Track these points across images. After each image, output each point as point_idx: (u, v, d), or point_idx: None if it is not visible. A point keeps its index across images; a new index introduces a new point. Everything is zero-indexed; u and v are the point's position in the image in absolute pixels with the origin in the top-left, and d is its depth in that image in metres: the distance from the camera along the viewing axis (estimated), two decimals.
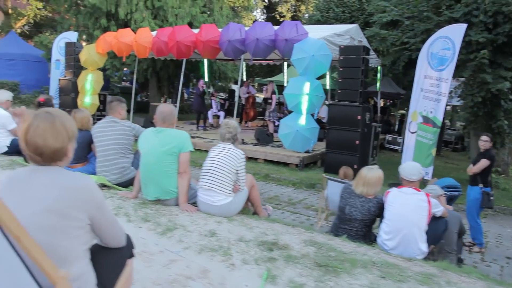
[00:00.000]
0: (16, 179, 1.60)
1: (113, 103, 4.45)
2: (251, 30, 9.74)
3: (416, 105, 7.95)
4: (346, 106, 8.41)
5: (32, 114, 1.61)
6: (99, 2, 14.59)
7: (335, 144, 8.56)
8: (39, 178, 1.58)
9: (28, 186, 1.57)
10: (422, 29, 9.09)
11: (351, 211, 3.75)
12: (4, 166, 4.91)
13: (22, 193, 1.55)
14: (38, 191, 1.54)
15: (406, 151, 8.12)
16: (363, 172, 3.90)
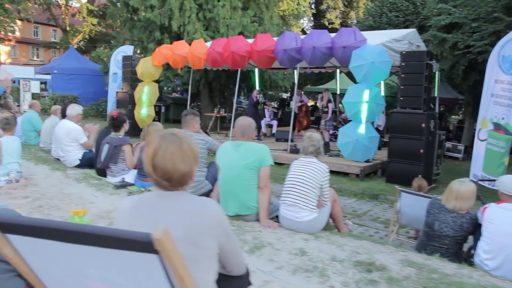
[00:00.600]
0: (143, 205, 1.54)
1: (188, 117, 4.46)
2: (307, 38, 9.64)
3: (486, 112, 7.55)
4: (410, 113, 8.11)
5: (157, 136, 1.55)
6: (153, 16, 14.98)
7: (397, 153, 8.27)
8: (167, 204, 1.52)
9: (157, 213, 1.51)
10: (491, 31, 8.63)
11: (441, 227, 3.54)
12: (79, 179, 5.06)
13: (151, 221, 1.48)
14: (168, 219, 1.48)
15: (475, 160, 7.72)
16: (455, 186, 3.68)
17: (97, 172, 5.38)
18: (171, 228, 1.42)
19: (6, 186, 4.66)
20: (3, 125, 4.95)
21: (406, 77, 8.26)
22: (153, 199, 1.55)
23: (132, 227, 1.32)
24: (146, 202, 1.55)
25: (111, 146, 4.89)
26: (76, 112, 6.00)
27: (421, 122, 8.00)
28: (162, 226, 1.17)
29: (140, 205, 1.54)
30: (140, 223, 1.47)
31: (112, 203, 4.10)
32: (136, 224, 1.44)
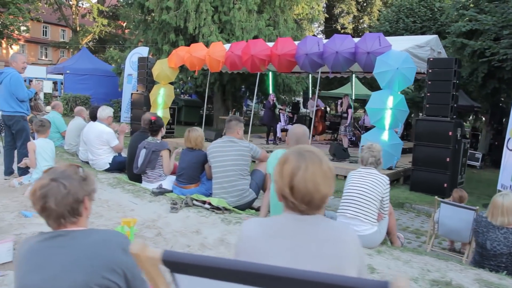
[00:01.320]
0: (278, 232, 1.39)
1: (232, 122, 4.34)
2: (330, 43, 9.53)
3: None
4: (437, 121, 7.98)
5: (293, 154, 1.41)
6: (169, 17, 14.91)
7: (422, 161, 8.14)
8: (306, 231, 1.36)
9: (295, 241, 1.35)
10: None
11: (493, 246, 3.40)
12: (113, 184, 4.95)
13: (289, 250, 1.33)
14: (309, 248, 1.32)
15: (504, 170, 7.56)
16: (498, 200, 3.56)
17: (129, 176, 5.26)
18: (314, 258, 1.30)
19: None
20: (37, 127, 4.86)
21: (433, 84, 8.13)
22: (289, 224, 1.39)
23: (266, 258, 1.20)
24: (281, 228, 1.39)
25: (149, 151, 4.78)
26: (107, 114, 5.90)
27: (448, 130, 7.87)
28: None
29: (274, 232, 1.39)
30: (277, 254, 1.32)
31: (154, 210, 3.98)
32: (272, 255, 1.30)
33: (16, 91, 5.23)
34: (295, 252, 1.31)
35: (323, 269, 1.21)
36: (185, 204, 4.07)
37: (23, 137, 5.40)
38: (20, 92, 5.25)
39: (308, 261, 1.29)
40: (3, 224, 3.48)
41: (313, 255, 1.29)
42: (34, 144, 4.74)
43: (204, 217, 3.80)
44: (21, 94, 5.26)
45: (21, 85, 5.28)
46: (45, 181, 1.51)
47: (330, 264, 1.28)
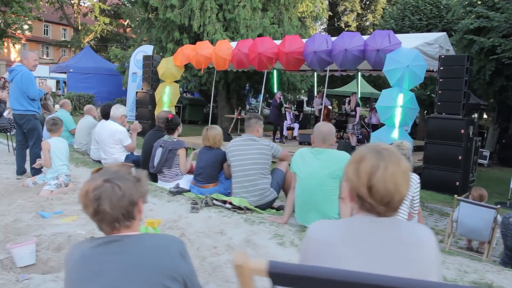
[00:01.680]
0: (356, 236, 1.29)
1: (252, 120, 4.26)
2: (338, 41, 9.45)
3: None
4: (449, 119, 7.90)
5: (369, 152, 1.33)
6: (173, 16, 14.83)
7: (434, 159, 8.06)
8: (386, 235, 1.27)
9: (375, 245, 1.26)
10: None
11: None
12: None
13: (370, 256, 1.24)
14: (391, 253, 1.23)
15: None
16: None
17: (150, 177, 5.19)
18: (400, 264, 1.21)
19: (56, 190, 4.49)
20: (49, 126, 4.76)
21: (445, 81, 8.06)
22: (368, 227, 1.30)
23: (349, 264, 1.11)
24: (361, 232, 1.30)
25: (166, 150, 4.69)
26: (121, 113, 5.81)
27: (460, 128, 7.80)
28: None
29: (353, 236, 1.30)
30: (361, 259, 1.24)
31: (173, 211, 3.89)
32: (356, 261, 1.22)
33: (27, 89, 5.13)
34: (381, 258, 1.22)
35: (410, 274, 1.13)
36: (205, 204, 3.99)
37: (35, 136, 5.31)
38: (31, 90, 5.15)
39: (395, 267, 1.21)
40: (21, 225, 3.40)
41: (399, 260, 1.21)
42: (49, 144, 4.65)
43: (226, 217, 3.72)
44: (32, 93, 5.16)
45: (32, 83, 5.18)
46: (98, 182, 1.41)
47: (415, 269, 1.21)
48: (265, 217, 3.78)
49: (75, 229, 3.30)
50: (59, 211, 3.79)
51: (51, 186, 4.54)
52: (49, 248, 2.92)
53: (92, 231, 3.20)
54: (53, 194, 4.40)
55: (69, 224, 3.46)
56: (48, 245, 2.96)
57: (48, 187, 4.53)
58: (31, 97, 5.18)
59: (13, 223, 3.40)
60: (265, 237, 3.28)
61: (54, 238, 3.04)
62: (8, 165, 5.88)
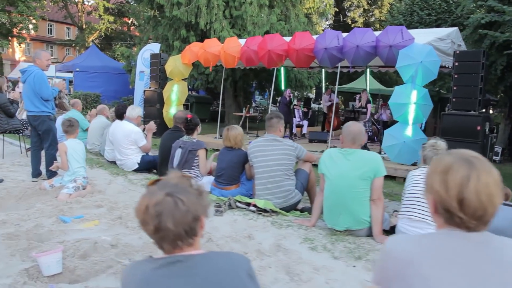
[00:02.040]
0: (445, 254, 1.19)
1: (273, 120, 4.17)
2: (350, 37, 9.34)
3: None
4: (464, 115, 7.79)
5: (457, 161, 1.22)
6: (180, 13, 14.73)
7: None
8: (481, 252, 1.19)
9: (474, 264, 1.17)
10: None
11: None
12: (146, 186, 4.79)
13: (468, 276, 1.15)
14: (491, 273, 1.15)
15: None
16: None
17: (159, 175, 5.11)
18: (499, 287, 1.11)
19: (75, 193, 4.42)
20: (66, 127, 4.69)
21: (460, 77, 7.94)
22: (455, 245, 1.20)
23: (435, 286, 1.02)
24: (448, 250, 1.20)
25: (185, 151, 4.61)
26: (137, 114, 5.73)
27: (477, 124, 7.69)
28: None
29: (439, 255, 1.19)
30: (448, 282, 1.14)
31: None
32: (442, 283, 1.13)
33: (40, 89, 5.04)
34: (475, 279, 1.13)
35: None
36: (229, 206, 3.91)
37: (50, 138, 5.22)
38: (44, 91, 5.06)
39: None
40: (42, 230, 3.33)
41: (498, 283, 1.12)
42: (65, 146, 4.58)
43: (252, 221, 3.63)
44: (46, 93, 5.08)
45: (45, 83, 5.10)
46: (159, 196, 1.29)
47: None
48: (292, 220, 3.68)
49: (98, 234, 3.23)
50: (79, 215, 3.71)
51: (69, 189, 4.47)
52: (75, 256, 2.85)
53: (117, 237, 3.13)
54: (71, 198, 4.32)
55: (92, 229, 3.39)
56: (74, 252, 2.89)
57: (66, 190, 4.46)
58: (45, 97, 5.10)
59: (35, 229, 3.33)
60: (295, 242, 3.19)
61: (79, 245, 2.96)
62: (22, 167, 5.82)
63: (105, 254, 2.83)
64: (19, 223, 3.46)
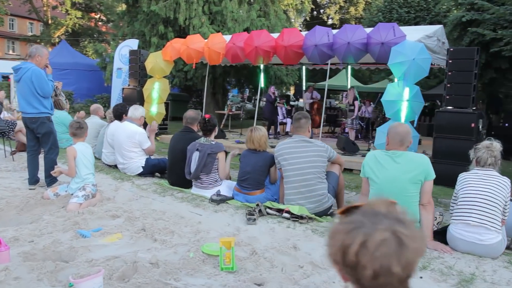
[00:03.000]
0: None
1: (302, 121, 3.96)
2: (340, 34, 9.23)
3: None
4: (458, 113, 7.81)
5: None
6: (158, 8, 14.29)
7: (443, 153, 7.97)
8: None
9: None
10: None
11: None
12: (159, 192, 4.45)
13: None
14: None
15: None
16: None
17: (171, 182, 4.76)
18: None
19: (85, 203, 4.05)
20: (74, 129, 4.28)
21: (453, 74, 7.96)
22: None
23: None
24: None
25: (204, 154, 4.31)
26: (140, 114, 5.36)
27: (471, 121, 7.73)
28: None
29: None
30: None
31: (226, 222, 3.51)
32: None
33: (41, 86, 4.62)
34: None
35: None
36: (259, 213, 3.66)
37: (50, 141, 4.78)
38: (45, 87, 4.65)
39: None
40: (62, 247, 2.97)
41: None
42: (75, 150, 4.19)
43: (290, 229, 3.39)
44: (47, 89, 4.66)
45: (45, 79, 4.69)
46: (384, 234, 1.02)
47: None
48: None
49: (127, 250, 2.91)
50: (97, 228, 3.37)
51: (79, 198, 4.07)
52: (112, 278, 2.54)
53: (153, 253, 2.82)
54: (82, 207, 3.95)
55: (117, 244, 3.06)
56: (110, 274, 2.58)
57: (76, 199, 4.06)
58: (46, 94, 4.68)
59: (53, 246, 2.99)
60: None
61: (112, 264, 2.65)
62: (10, 173, 5.34)
63: (148, 274, 2.53)
64: (33, 239, 3.10)
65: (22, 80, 4.61)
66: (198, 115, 4.78)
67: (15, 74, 4.72)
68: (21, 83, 4.63)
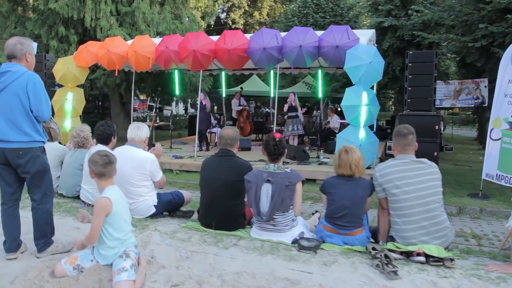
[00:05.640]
0: None
1: (410, 137, 3.26)
2: (290, 36, 8.74)
3: (499, 111, 7.58)
4: (423, 116, 7.80)
5: None
6: (59, 7, 12.36)
7: None
8: None
9: None
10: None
11: None
12: (208, 241, 3.24)
13: None
14: None
15: (488, 159, 7.71)
16: None
17: (207, 223, 3.52)
18: None
19: (139, 278, 2.64)
20: (101, 166, 2.78)
21: (414, 78, 7.94)
22: None
23: None
24: None
25: (280, 187, 3.25)
26: (145, 134, 4.00)
27: (435, 124, 7.76)
28: None
29: None
30: None
31: (358, 280, 2.58)
32: None
33: (39, 105, 3.11)
34: None
35: None
36: (385, 259, 2.80)
37: (44, 183, 3.20)
38: (45, 108, 3.13)
39: None
40: None
41: None
42: (111, 202, 2.70)
43: (444, 279, 2.59)
44: (47, 111, 3.15)
45: (45, 92, 3.21)
46: None
47: None
48: (487, 267, 2.78)
49: None
50: None
51: (129, 273, 2.59)
52: None
53: None
54: (137, 286, 2.58)
55: None
56: None
57: (126, 275, 2.57)
58: (46, 117, 3.18)
59: None
60: None
61: None
62: None
63: None
64: None
65: (7, 91, 3.03)
66: (238, 133, 3.74)
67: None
68: (3, 96, 3.04)
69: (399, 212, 3.08)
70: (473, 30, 8.57)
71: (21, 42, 3.15)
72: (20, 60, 3.16)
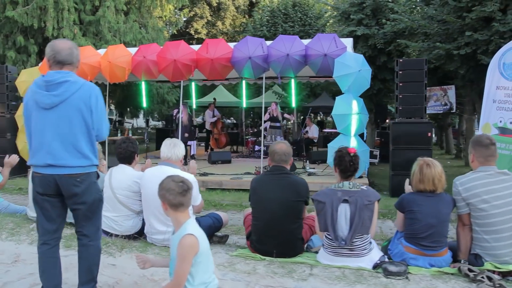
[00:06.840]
0: None
1: (493, 147, 2.99)
2: (276, 45, 8.52)
3: (488, 117, 7.69)
4: (415, 123, 7.80)
5: None
6: (18, 15, 11.52)
7: (402, 165, 7.83)
8: None
9: None
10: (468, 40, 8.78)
11: None
12: (274, 271, 2.79)
13: None
14: None
15: None
16: None
17: (263, 251, 3.15)
18: None
19: None
20: (180, 196, 2.26)
21: (404, 86, 7.94)
22: None
23: None
24: None
25: (359, 207, 2.93)
26: (182, 152, 3.45)
27: (427, 131, 7.79)
28: None
29: None
30: None
31: None
32: None
33: (101, 121, 2.62)
34: None
35: None
36: (489, 281, 2.54)
37: (97, 215, 2.69)
38: (105, 125, 2.65)
39: None
40: None
41: None
42: (197, 240, 2.23)
43: None
44: (106, 128, 2.66)
45: (104, 107, 2.69)
46: None
47: None
48: None
49: None
50: None
51: None
52: None
53: None
54: None
55: None
56: None
57: None
58: (104, 137, 2.66)
59: None
60: None
61: None
62: None
63: None
64: None
65: (65, 105, 2.50)
66: (291, 148, 3.36)
67: (49, 95, 2.50)
68: (60, 112, 2.50)
69: (488, 228, 2.87)
70: (455, 38, 8.70)
71: (76, 47, 2.65)
72: (74, 68, 2.64)
